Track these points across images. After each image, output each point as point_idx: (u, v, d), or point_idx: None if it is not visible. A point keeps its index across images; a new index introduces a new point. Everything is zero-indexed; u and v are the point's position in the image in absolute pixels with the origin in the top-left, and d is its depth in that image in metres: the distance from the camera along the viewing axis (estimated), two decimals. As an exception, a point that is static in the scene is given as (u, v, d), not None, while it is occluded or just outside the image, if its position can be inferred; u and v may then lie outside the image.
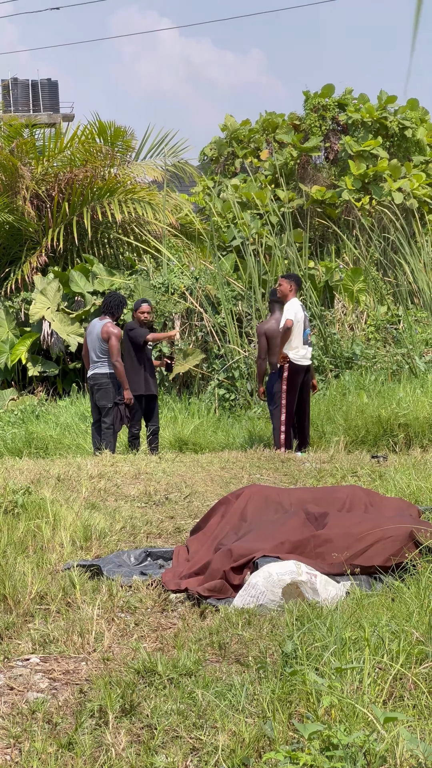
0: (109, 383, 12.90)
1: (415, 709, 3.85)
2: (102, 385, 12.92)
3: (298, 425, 13.35)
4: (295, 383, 13.02)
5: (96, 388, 12.98)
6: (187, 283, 18.32)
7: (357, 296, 19.77)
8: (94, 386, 13.00)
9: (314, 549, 6.24)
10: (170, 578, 6.32)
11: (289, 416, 13.01)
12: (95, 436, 13.20)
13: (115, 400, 12.91)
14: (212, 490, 9.59)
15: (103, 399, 12.93)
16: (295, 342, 12.97)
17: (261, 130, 25.71)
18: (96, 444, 13.06)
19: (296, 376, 13.02)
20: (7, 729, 4.01)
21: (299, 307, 13.13)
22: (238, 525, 6.93)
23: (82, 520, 7.54)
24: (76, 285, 18.46)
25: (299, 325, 13.01)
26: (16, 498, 7.88)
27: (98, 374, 12.98)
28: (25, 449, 14.20)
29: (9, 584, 5.79)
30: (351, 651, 4.23)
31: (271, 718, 3.82)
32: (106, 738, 3.85)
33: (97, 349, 12.98)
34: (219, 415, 16.15)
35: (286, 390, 12.94)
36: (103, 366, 12.96)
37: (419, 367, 16.89)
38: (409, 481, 8.67)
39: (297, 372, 13.01)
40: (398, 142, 24.40)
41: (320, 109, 24.36)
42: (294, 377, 13.00)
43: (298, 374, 13.04)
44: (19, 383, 18.55)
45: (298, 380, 13.07)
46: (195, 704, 4.12)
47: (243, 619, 5.33)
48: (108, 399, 12.90)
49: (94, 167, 20.45)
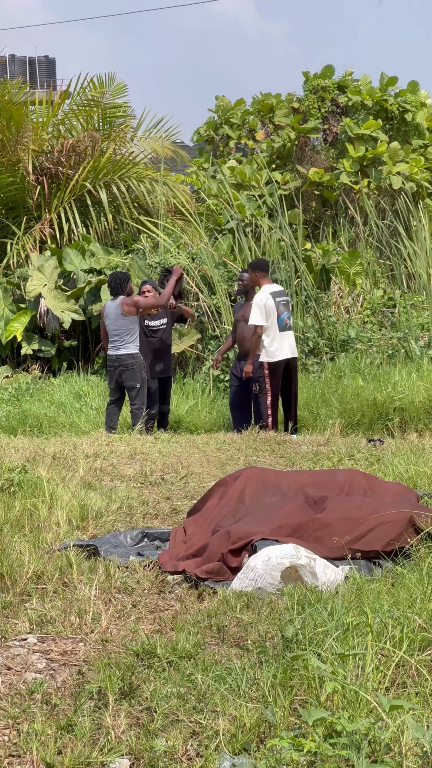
0: (135, 363, 12.81)
1: (419, 696, 3.82)
2: (128, 366, 12.81)
3: (284, 406, 13.22)
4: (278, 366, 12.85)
5: (121, 369, 12.84)
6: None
7: (353, 279, 19.70)
8: (119, 367, 12.86)
9: (313, 533, 6.21)
10: (167, 560, 6.29)
11: (274, 398, 12.92)
12: (110, 414, 13.12)
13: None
14: (208, 471, 9.55)
15: (130, 380, 12.81)
16: (270, 333, 12.80)
17: (256, 112, 25.55)
18: (110, 422, 13.02)
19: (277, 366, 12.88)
20: (5, 710, 3.98)
21: (267, 296, 12.89)
22: (236, 507, 6.90)
23: (78, 500, 7.50)
24: (71, 263, 18.37)
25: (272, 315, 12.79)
26: (12, 476, 7.84)
27: (123, 355, 12.86)
28: (20, 427, 14.13)
29: (6, 563, 5.76)
30: (353, 636, 4.19)
31: (272, 704, 3.79)
32: (106, 720, 3.82)
33: (120, 328, 12.87)
34: (214, 395, 16.10)
35: (269, 373, 12.82)
36: (127, 347, 12.84)
37: (415, 351, 16.85)
38: (408, 466, 8.65)
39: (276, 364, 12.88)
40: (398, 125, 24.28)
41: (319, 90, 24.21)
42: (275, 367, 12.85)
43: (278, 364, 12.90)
44: (13, 361, 18.47)
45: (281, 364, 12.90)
46: (195, 688, 4.10)
47: (241, 602, 5.30)
48: (135, 379, 12.80)
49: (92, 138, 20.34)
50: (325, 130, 24.52)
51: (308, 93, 24.42)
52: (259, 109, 25.45)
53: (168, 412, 13.90)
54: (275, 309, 12.79)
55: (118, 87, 22.29)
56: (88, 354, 18.56)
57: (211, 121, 26.34)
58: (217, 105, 26.24)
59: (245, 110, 25.88)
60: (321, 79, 24.28)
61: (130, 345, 12.86)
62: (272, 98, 25.25)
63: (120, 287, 12.94)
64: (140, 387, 12.84)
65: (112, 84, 22.22)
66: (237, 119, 25.84)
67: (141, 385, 12.85)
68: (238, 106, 26.13)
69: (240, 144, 25.71)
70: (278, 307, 12.83)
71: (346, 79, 24.52)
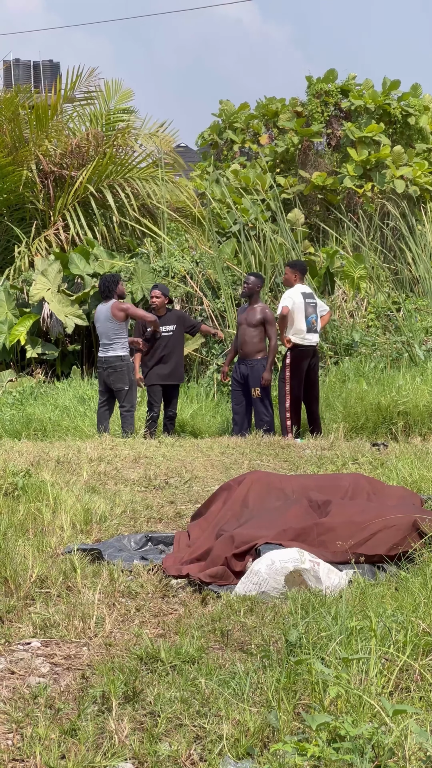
0: (123, 366, 12.85)
1: (422, 701, 3.81)
2: (116, 368, 12.85)
3: (308, 411, 13.34)
4: (300, 368, 12.99)
5: (109, 371, 12.89)
6: (187, 267, 18.25)
7: (357, 283, 19.69)
8: (108, 369, 12.90)
9: (317, 537, 6.20)
10: (171, 564, 6.29)
11: (295, 402, 12.98)
12: (101, 417, 13.16)
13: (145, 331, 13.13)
14: (212, 475, 9.55)
15: (118, 382, 12.85)
16: (298, 327, 12.96)
17: (260, 116, 25.57)
18: (101, 425, 13.04)
19: (301, 360, 12.99)
20: (9, 714, 3.97)
21: (298, 294, 13.10)
22: (240, 511, 6.89)
23: (82, 504, 7.50)
24: (76, 267, 18.37)
25: (299, 313, 12.97)
26: (16, 480, 7.84)
27: (111, 357, 12.90)
28: (24, 431, 14.14)
29: (10, 567, 5.75)
30: (357, 641, 4.19)
31: (276, 708, 3.78)
32: (109, 725, 3.82)
33: (109, 331, 12.94)
34: (218, 399, 16.10)
35: (290, 376, 12.92)
36: (116, 348, 12.90)
37: (419, 356, 16.83)
38: (412, 470, 8.64)
39: (301, 356, 12.98)
40: (401, 129, 24.29)
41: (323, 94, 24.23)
42: (298, 362, 12.97)
43: (302, 359, 13.01)
44: (17, 365, 18.47)
45: (303, 365, 13.03)
46: (198, 692, 4.09)
47: (245, 606, 5.30)
48: (123, 382, 12.83)
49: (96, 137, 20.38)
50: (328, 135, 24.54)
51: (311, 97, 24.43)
52: (263, 113, 25.46)
53: (174, 416, 13.92)
54: (304, 308, 12.96)
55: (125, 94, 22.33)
56: (92, 358, 18.57)
57: (215, 125, 26.36)
58: (221, 109, 26.25)
59: (249, 114, 25.89)
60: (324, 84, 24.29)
61: (118, 347, 12.91)
62: (276, 102, 25.26)
63: (109, 290, 13.02)
64: (128, 389, 12.86)
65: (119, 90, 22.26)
66: (241, 123, 25.85)
67: (129, 388, 12.87)
68: (242, 110, 26.15)
69: (244, 148, 25.72)
70: (306, 308, 13.02)
71: (349, 83, 24.54)
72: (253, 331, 13.40)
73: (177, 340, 13.82)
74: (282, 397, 13.03)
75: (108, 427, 13.01)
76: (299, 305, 13.00)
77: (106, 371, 12.92)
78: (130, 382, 12.87)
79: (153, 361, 13.62)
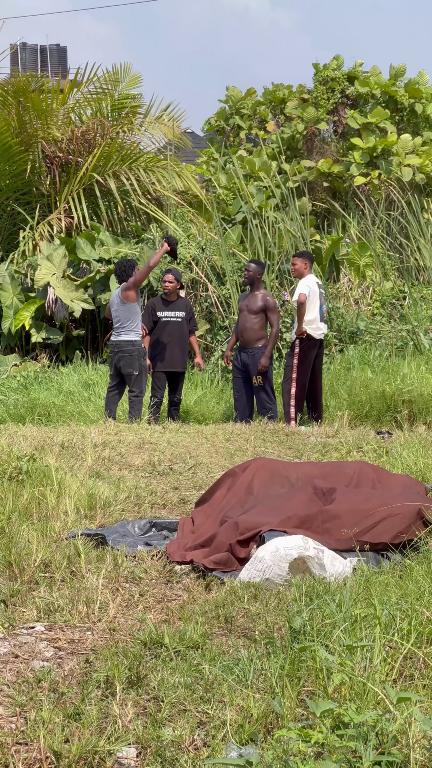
0: (134, 350, 12.82)
1: (426, 688, 3.81)
2: (126, 352, 12.83)
3: (311, 400, 13.37)
4: (308, 357, 13.03)
5: (120, 355, 12.86)
6: (193, 253, 18.23)
7: (363, 271, 19.67)
8: (118, 353, 12.89)
9: (322, 524, 6.20)
10: (175, 549, 6.29)
11: (300, 390, 13.01)
12: (110, 402, 13.15)
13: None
14: (217, 461, 9.55)
15: (128, 367, 12.83)
16: (311, 316, 12.99)
17: (267, 102, 25.48)
18: (108, 409, 13.05)
19: (310, 350, 13.04)
20: (13, 698, 3.98)
21: (314, 283, 13.16)
22: (245, 498, 6.89)
23: (86, 489, 7.50)
24: (83, 252, 18.34)
25: (314, 301, 13.03)
26: (20, 465, 7.84)
27: (122, 341, 12.88)
28: (28, 416, 14.15)
29: (14, 551, 5.76)
30: (361, 628, 4.19)
31: (279, 695, 3.78)
32: (113, 709, 3.82)
33: (120, 315, 12.92)
34: (222, 386, 16.10)
35: (298, 364, 12.96)
36: (127, 333, 12.87)
37: (424, 344, 16.83)
38: (416, 458, 8.63)
39: (310, 346, 13.04)
40: (408, 117, 24.21)
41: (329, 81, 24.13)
42: (307, 351, 13.02)
43: (311, 348, 13.06)
44: (22, 349, 18.47)
45: (311, 355, 13.08)
46: (202, 678, 4.10)
47: (249, 592, 5.30)
48: (133, 367, 12.81)
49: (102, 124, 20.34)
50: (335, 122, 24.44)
51: (317, 84, 24.33)
52: (270, 99, 25.36)
53: (179, 402, 13.92)
54: (318, 296, 13.00)
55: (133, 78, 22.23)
56: (96, 343, 18.57)
57: (222, 111, 26.26)
58: (228, 95, 26.14)
59: (256, 101, 25.79)
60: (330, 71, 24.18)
61: (130, 332, 12.88)
62: (283, 89, 25.16)
63: (126, 273, 12.98)
64: (138, 374, 12.84)
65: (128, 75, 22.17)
66: (248, 110, 25.76)
67: (139, 373, 12.85)
68: (249, 96, 26.04)
69: (251, 134, 25.64)
70: (320, 298, 13.08)
71: (356, 70, 24.42)
72: (254, 318, 13.42)
73: (183, 327, 13.81)
74: (288, 384, 13.05)
75: (114, 411, 13.01)
76: (314, 294, 13.07)
77: (117, 355, 12.90)
78: (140, 367, 12.85)
79: (158, 348, 13.63)
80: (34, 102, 20.05)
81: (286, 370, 13.20)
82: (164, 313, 13.72)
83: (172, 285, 13.68)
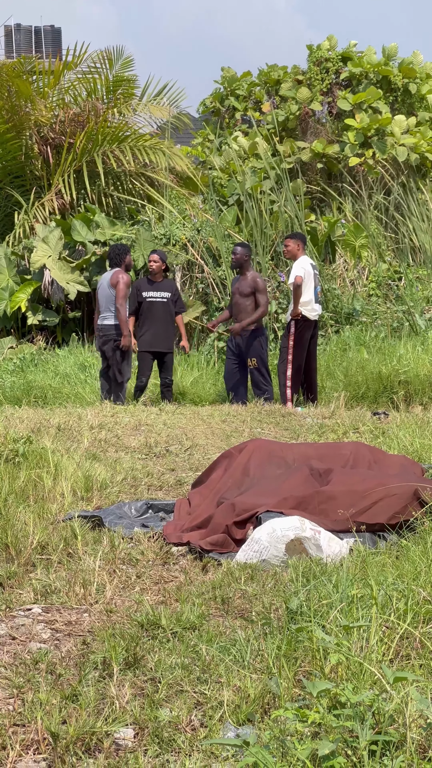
0: (117, 335, 12.87)
1: (423, 668, 3.82)
2: (110, 336, 12.91)
3: (306, 381, 13.36)
4: (304, 338, 13.04)
5: (104, 339, 12.95)
6: (188, 234, 18.19)
7: (359, 252, 19.63)
8: (102, 337, 12.97)
9: (318, 505, 6.20)
10: (172, 531, 6.29)
11: (296, 371, 13.01)
12: (103, 383, 13.19)
13: (114, 345, 12.90)
14: (213, 443, 9.55)
15: (111, 351, 12.89)
16: (306, 297, 12.98)
17: (262, 84, 25.39)
18: (104, 390, 13.09)
19: (305, 331, 13.05)
20: (10, 679, 3.98)
21: (309, 264, 13.15)
22: (241, 479, 6.89)
23: (83, 471, 7.51)
24: (78, 234, 18.30)
25: (309, 282, 13.03)
26: (16, 447, 7.83)
27: (106, 325, 12.96)
28: (24, 398, 14.14)
29: (11, 533, 5.76)
30: (358, 609, 4.19)
31: (276, 675, 3.79)
32: (111, 690, 3.82)
33: (107, 299, 12.96)
34: (218, 367, 16.09)
35: (293, 345, 12.96)
36: (111, 317, 12.94)
37: (419, 325, 16.82)
38: (413, 439, 8.64)
39: (306, 327, 13.03)
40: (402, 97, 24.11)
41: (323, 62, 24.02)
42: (303, 332, 13.02)
43: (307, 330, 13.06)
44: (18, 331, 18.44)
45: (307, 336, 13.08)
46: (199, 659, 4.10)
47: (246, 573, 5.31)
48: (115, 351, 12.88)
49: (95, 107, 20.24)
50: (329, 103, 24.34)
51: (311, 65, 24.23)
52: (265, 80, 25.28)
53: (171, 383, 13.88)
54: (313, 278, 13.00)
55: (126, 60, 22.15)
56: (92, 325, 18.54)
57: (217, 92, 26.17)
58: (223, 76, 26.05)
59: (251, 82, 25.70)
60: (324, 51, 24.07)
61: (114, 316, 12.91)
62: (278, 70, 25.06)
63: (119, 258, 13.05)
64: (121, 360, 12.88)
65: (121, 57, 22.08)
66: (243, 91, 25.67)
67: (123, 358, 12.88)
68: (244, 77, 25.95)
69: (246, 116, 25.55)
70: (315, 279, 13.08)
71: (350, 50, 24.30)
72: (246, 301, 13.43)
73: (169, 307, 13.80)
74: (283, 365, 13.05)
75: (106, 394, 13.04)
76: (309, 275, 13.07)
77: (101, 339, 12.98)
78: (122, 352, 12.87)
79: (144, 328, 13.62)
80: (20, 87, 19.93)
81: (281, 352, 13.21)
82: (149, 293, 13.71)
83: (157, 265, 13.68)
